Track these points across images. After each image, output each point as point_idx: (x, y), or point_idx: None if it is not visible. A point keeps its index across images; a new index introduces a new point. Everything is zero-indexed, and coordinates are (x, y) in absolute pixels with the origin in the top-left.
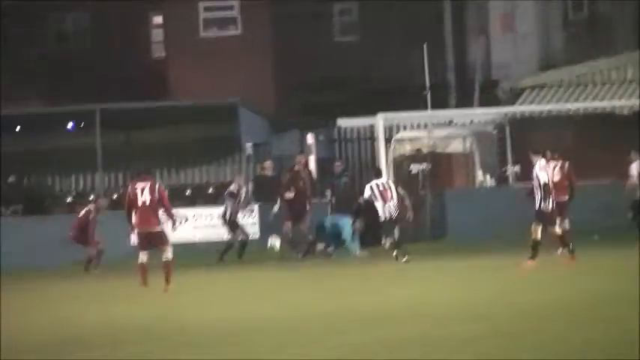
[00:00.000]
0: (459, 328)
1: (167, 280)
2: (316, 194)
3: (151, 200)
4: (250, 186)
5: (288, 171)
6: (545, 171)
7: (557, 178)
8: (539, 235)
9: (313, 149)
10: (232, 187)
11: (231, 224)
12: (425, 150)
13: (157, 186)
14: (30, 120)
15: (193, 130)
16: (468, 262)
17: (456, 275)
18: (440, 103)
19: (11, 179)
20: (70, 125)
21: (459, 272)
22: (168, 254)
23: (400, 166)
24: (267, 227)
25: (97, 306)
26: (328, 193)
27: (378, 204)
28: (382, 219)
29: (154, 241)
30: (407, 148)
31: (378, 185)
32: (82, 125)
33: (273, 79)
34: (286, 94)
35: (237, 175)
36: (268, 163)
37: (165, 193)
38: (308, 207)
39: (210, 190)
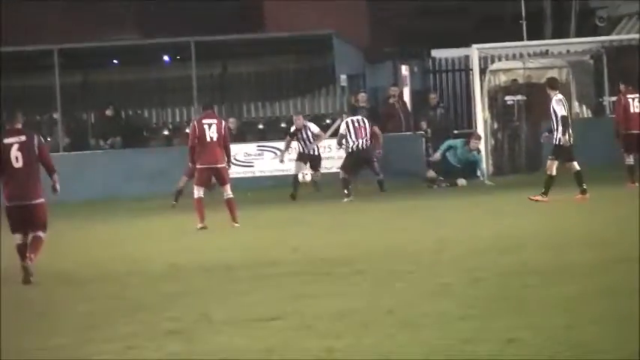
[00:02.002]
0: (576, 256)
1: (234, 217)
2: (411, 126)
3: (217, 137)
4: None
5: (384, 103)
6: (562, 104)
7: (638, 109)
8: (554, 171)
9: (407, 81)
10: (292, 128)
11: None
12: (520, 81)
13: (223, 124)
14: (126, 52)
15: (288, 61)
16: (565, 194)
17: (555, 206)
18: (535, 33)
19: (109, 112)
20: (166, 58)
21: (558, 203)
22: (230, 192)
23: (495, 97)
24: None
25: (209, 236)
26: (424, 125)
27: (351, 139)
28: (349, 151)
29: (217, 177)
30: (502, 80)
31: (353, 121)
32: (177, 58)
33: (368, 9)
34: (380, 25)
35: (295, 115)
36: (362, 95)
37: (228, 133)
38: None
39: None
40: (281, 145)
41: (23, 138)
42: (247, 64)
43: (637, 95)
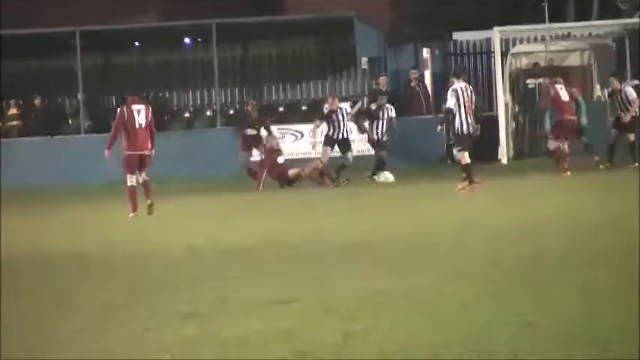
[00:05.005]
0: (594, 241)
1: (150, 198)
2: (432, 109)
3: (146, 123)
4: (364, 101)
5: (405, 86)
6: (456, 95)
7: (566, 98)
8: (467, 160)
9: (429, 64)
10: (325, 108)
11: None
12: (542, 64)
13: (149, 109)
14: (148, 34)
15: (308, 44)
16: (583, 177)
17: (574, 190)
18: (558, 16)
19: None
20: (187, 40)
21: (579, 187)
22: (146, 176)
23: (516, 80)
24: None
25: (228, 219)
26: (445, 108)
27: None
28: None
29: (143, 163)
30: (523, 62)
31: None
32: (199, 40)
33: None
34: (401, 8)
35: (331, 97)
36: (383, 79)
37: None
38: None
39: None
40: (302, 127)
41: None
42: (268, 47)
43: (563, 85)
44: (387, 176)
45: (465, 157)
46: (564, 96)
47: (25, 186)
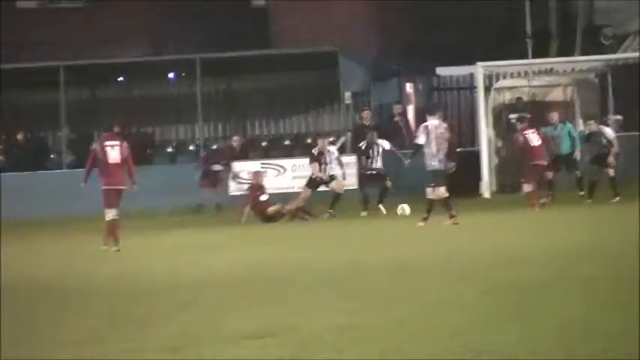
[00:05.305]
0: (582, 270)
1: (116, 239)
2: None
3: (121, 159)
4: (348, 136)
5: (389, 120)
6: (426, 132)
7: (537, 143)
8: (431, 195)
9: (412, 98)
10: (314, 150)
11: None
12: (525, 99)
13: (125, 145)
14: (132, 69)
15: (293, 78)
16: (563, 210)
17: (561, 222)
18: (541, 51)
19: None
20: (171, 75)
21: (564, 219)
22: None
23: (499, 115)
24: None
25: (215, 252)
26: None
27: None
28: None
29: (119, 198)
30: (506, 97)
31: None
32: (183, 75)
33: (375, 26)
34: (386, 42)
35: (320, 138)
36: (366, 113)
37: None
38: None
39: (309, 140)
40: (285, 162)
41: None
42: (252, 81)
43: (534, 130)
44: (404, 209)
45: (442, 192)
46: (534, 141)
47: (9, 218)
